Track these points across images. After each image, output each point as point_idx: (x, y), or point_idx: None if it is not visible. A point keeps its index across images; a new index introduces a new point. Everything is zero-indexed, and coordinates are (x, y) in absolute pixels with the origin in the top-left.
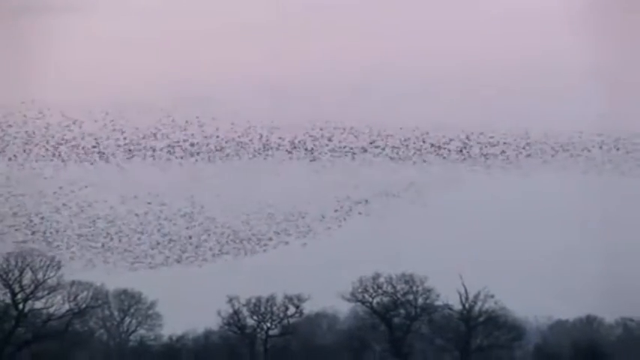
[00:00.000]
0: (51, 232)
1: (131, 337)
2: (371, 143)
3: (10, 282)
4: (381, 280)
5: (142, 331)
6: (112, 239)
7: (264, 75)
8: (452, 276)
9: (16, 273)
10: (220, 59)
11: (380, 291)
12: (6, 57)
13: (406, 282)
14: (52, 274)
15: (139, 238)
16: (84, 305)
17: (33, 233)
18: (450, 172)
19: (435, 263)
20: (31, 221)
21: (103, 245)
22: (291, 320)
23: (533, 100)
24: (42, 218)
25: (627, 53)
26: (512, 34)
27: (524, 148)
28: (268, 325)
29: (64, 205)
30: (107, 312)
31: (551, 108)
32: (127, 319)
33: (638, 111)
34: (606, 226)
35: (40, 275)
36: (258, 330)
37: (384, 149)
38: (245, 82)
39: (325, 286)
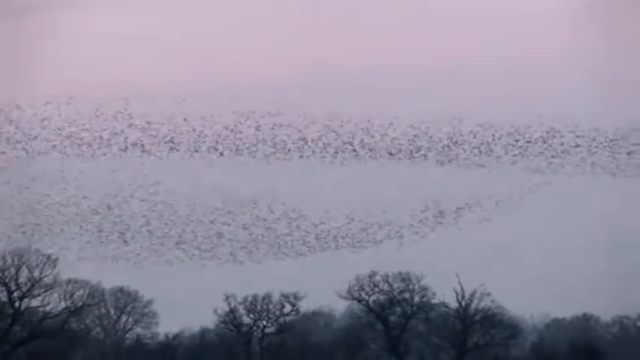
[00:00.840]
0: (121, 227)
1: (127, 336)
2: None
3: (7, 280)
4: (378, 278)
5: (138, 329)
6: (186, 234)
7: (264, 75)
8: (449, 274)
9: (13, 271)
10: (221, 59)
11: (376, 289)
12: (7, 54)
13: (402, 280)
14: (48, 272)
15: (217, 233)
16: (80, 303)
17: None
18: (449, 172)
19: (433, 262)
20: (98, 213)
21: (178, 241)
22: (288, 318)
23: (533, 100)
24: (109, 208)
25: (627, 53)
26: (512, 34)
27: (522, 147)
28: (264, 323)
29: (131, 197)
30: (103, 310)
31: (551, 108)
32: (124, 318)
33: (638, 111)
34: (603, 225)
35: (36, 273)
36: (255, 328)
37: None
38: (245, 81)
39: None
